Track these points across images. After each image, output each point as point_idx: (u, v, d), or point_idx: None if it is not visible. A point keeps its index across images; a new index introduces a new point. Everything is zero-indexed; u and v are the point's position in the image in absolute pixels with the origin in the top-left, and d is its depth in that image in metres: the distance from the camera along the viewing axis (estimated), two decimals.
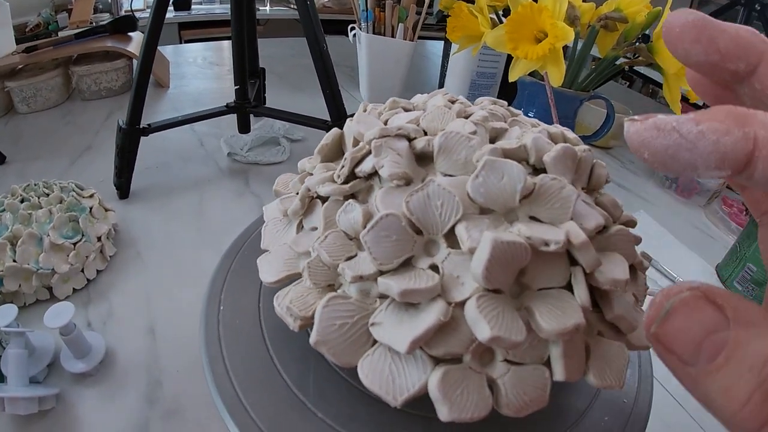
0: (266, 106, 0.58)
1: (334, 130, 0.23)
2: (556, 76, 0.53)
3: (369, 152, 0.20)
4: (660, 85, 0.58)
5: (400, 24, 0.76)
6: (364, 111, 0.24)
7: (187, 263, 0.48)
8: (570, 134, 0.21)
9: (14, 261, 0.41)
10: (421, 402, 0.16)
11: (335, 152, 0.23)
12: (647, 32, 0.60)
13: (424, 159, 0.20)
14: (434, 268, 0.17)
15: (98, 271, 0.45)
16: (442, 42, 0.92)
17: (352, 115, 0.54)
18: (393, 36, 0.77)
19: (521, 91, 0.66)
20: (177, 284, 0.45)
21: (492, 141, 0.20)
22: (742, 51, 0.13)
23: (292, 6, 1.92)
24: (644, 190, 0.73)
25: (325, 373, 0.21)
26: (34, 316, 0.41)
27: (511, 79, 0.56)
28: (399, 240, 0.17)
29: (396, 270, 0.17)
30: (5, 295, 0.41)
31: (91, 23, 1.23)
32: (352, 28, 0.83)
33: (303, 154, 0.67)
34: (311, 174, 0.22)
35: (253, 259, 0.24)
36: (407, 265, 0.17)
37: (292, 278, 0.20)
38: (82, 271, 0.44)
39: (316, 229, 0.20)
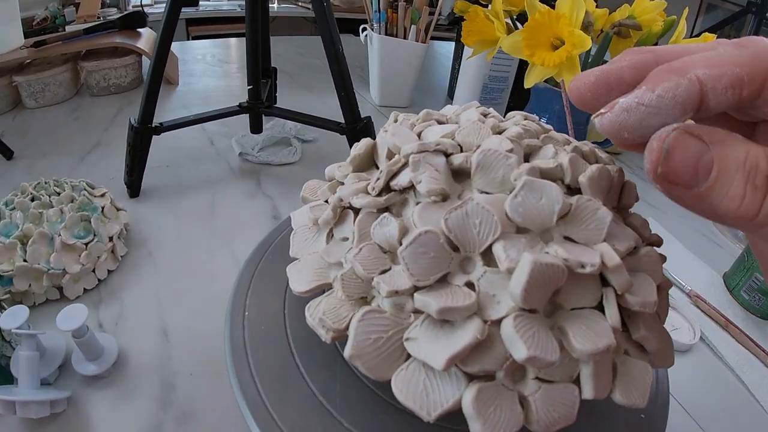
0: (278, 106, 0.58)
1: (367, 140, 0.22)
2: None
3: (405, 165, 0.20)
4: None
5: (412, 26, 0.76)
6: (395, 121, 0.23)
7: (200, 264, 0.47)
8: (602, 153, 0.21)
9: (25, 260, 0.40)
10: (450, 416, 0.16)
11: (367, 162, 0.23)
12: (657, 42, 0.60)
13: (460, 175, 0.20)
14: (470, 285, 0.17)
15: (109, 271, 0.45)
16: (451, 43, 0.91)
17: (366, 118, 0.54)
18: (405, 38, 0.76)
19: (534, 96, 0.66)
20: (189, 285, 0.45)
21: (526, 158, 0.20)
22: (642, 70, 0.14)
23: (299, 4, 1.91)
24: (653, 196, 0.73)
25: (350, 381, 0.21)
26: (44, 315, 0.40)
27: (527, 85, 0.55)
28: (436, 257, 0.17)
29: (432, 286, 0.17)
30: (15, 295, 0.41)
31: (99, 18, 1.23)
32: (364, 29, 0.82)
33: (314, 155, 0.68)
34: (341, 183, 0.22)
35: (277, 264, 0.24)
36: (443, 281, 0.17)
37: (323, 288, 0.20)
38: (93, 271, 0.43)
39: (347, 239, 0.20)
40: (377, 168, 0.23)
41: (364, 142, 0.22)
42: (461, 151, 0.20)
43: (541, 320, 0.16)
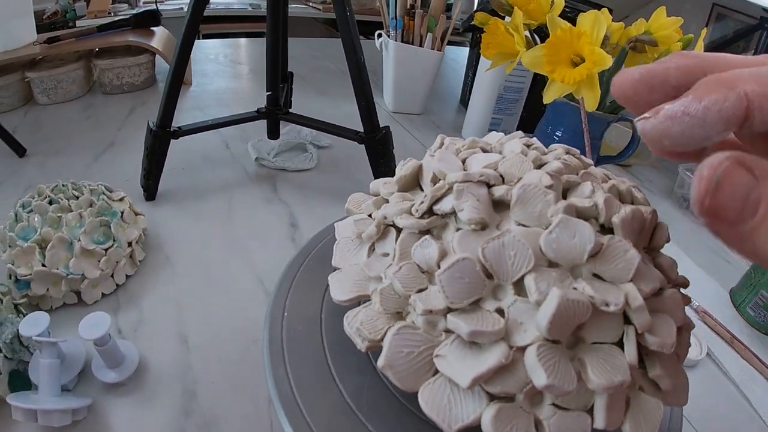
0: (295, 112, 0.58)
1: (413, 163, 0.23)
2: (591, 102, 0.52)
3: (448, 191, 0.21)
4: None
5: (428, 33, 0.76)
6: (441, 145, 0.24)
7: (218, 271, 0.47)
8: (638, 193, 0.22)
9: (43, 265, 0.40)
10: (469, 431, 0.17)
11: (412, 183, 0.24)
12: None
13: (500, 206, 0.21)
14: (500, 311, 0.18)
15: (127, 276, 0.45)
16: (463, 48, 0.91)
17: (385, 128, 0.54)
18: (421, 45, 0.76)
19: (550, 109, 0.66)
20: (208, 292, 0.45)
21: (564, 193, 0.21)
22: (690, 76, 0.14)
23: (311, 4, 1.91)
24: (662, 210, 0.73)
25: (379, 389, 0.22)
26: (62, 320, 0.40)
27: (546, 101, 0.55)
28: (471, 282, 0.18)
29: (464, 309, 0.18)
30: (32, 299, 0.41)
31: (110, 13, 1.22)
32: (380, 35, 0.82)
33: (330, 162, 0.68)
34: (386, 200, 0.23)
35: (317, 270, 0.25)
36: (475, 305, 0.18)
37: (360, 299, 0.21)
38: (112, 276, 0.43)
39: (387, 255, 0.22)
40: (421, 189, 0.24)
41: (411, 164, 0.23)
42: (503, 182, 0.21)
43: (563, 351, 0.17)
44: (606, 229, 0.19)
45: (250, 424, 0.34)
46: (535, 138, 0.24)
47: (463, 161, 0.22)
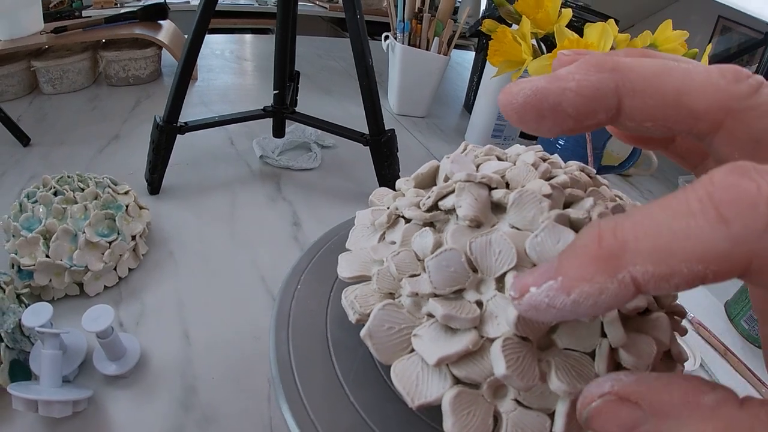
0: (301, 111, 0.58)
1: (432, 163, 0.25)
2: None
3: (454, 190, 0.22)
4: None
5: (435, 37, 0.76)
6: (464, 150, 0.25)
7: (221, 267, 0.47)
8: None
9: (47, 256, 0.40)
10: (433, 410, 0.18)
11: (428, 181, 0.25)
12: None
13: (499, 208, 0.21)
14: (479, 303, 0.19)
15: (130, 270, 0.45)
16: (468, 52, 0.92)
17: (390, 131, 0.55)
18: (428, 49, 0.77)
19: None
20: (210, 289, 0.45)
21: (567, 206, 0.22)
22: (594, 101, 0.11)
23: (317, 3, 1.91)
24: None
25: (368, 364, 0.23)
26: (64, 311, 0.41)
27: None
28: (456, 272, 0.19)
29: (447, 296, 0.19)
30: (34, 289, 0.41)
31: (116, 4, 1.22)
32: (386, 37, 0.82)
33: (334, 162, 0.68)
34: (403, 195, 0.25)
35: (333, 256, 0.26)
36: (458, 294, 0.19)
37: (363, 279, 0.22)
38: (115, 269, 0.43)
39: (394, 243, 0.23)
40: None
41: (429, 164, 0.25)
42: (507, 187, 0.22)
43: (531, 349, 0.17)
44: None
45: (249, 419, 0.35)
46: (556, 155, 0.24)
47: (478, 166, 0.23)
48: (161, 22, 0.86)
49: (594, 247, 0.10)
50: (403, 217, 0.23)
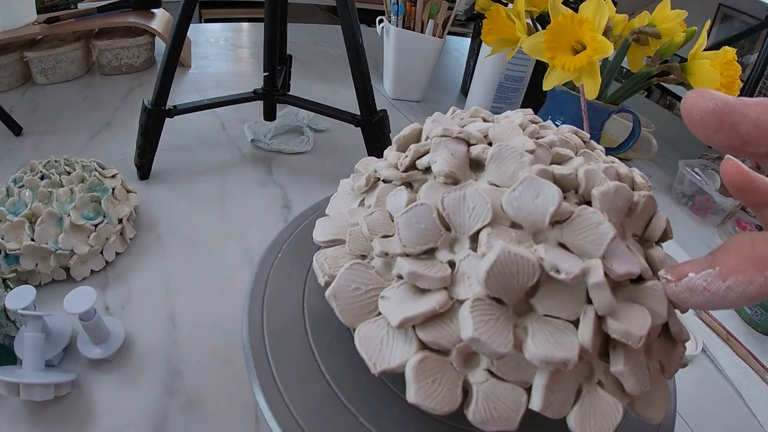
0: (292, 94, 0.57)
1: (414, 125, 0.23)
2: (591, 89, 0.51)
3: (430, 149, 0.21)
4: (679, 98, 0.57)
5: (430, 20, 0.75)
6: (452, 114, 0.24)
7: (209, 251, 0.47)
8: (639, 179, 0.20)
9: (32, 240, 0.40)
10: (458, 416, 0.16)
11: (410, 144, 0.24)
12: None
13: (478, 166, 0.20)
14: (452, 264, 0.17)
15: (117, 254, 0.44)
16: (465, 38, 0.90)
17: (381, 111, 0.54)
18: (422, 32, 0.76)
19: (551, 98, 0.65)
20: (198, 272, 0.44)
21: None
22: (764, 135, 0.13)
23: None
24: (660, 205, 0.72)
25: (339, 335, 0.22)
26: (50, 296, 0.40)
27: (546, 88, 0.55)
28: (427, 229, 0.18)
29: (418, 256, 0.18)
30: (20, 274, 0.41)
31: None
32: (381, 21, 0.81)
33: (326, 145, 0.67)
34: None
35: (306, 239, 0.26)
36: (430, 254, 0.18)
37: (338, 243, 0.21)
38: (101, 252, 0.43)
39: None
40: None
41: (411, 127, 0.23)
42: (489, 145, 0.20)
43: (505, 313, 0.16)
44: (587, 203, 0.18)
45: (233, 404, 0.34)
46: (549, 120, 0.23)
47: (462, 127, 0.22)
48: (154, 10, 0.85)
49: (749, 249, 0.13)
50: (383, 180, 0.22)
